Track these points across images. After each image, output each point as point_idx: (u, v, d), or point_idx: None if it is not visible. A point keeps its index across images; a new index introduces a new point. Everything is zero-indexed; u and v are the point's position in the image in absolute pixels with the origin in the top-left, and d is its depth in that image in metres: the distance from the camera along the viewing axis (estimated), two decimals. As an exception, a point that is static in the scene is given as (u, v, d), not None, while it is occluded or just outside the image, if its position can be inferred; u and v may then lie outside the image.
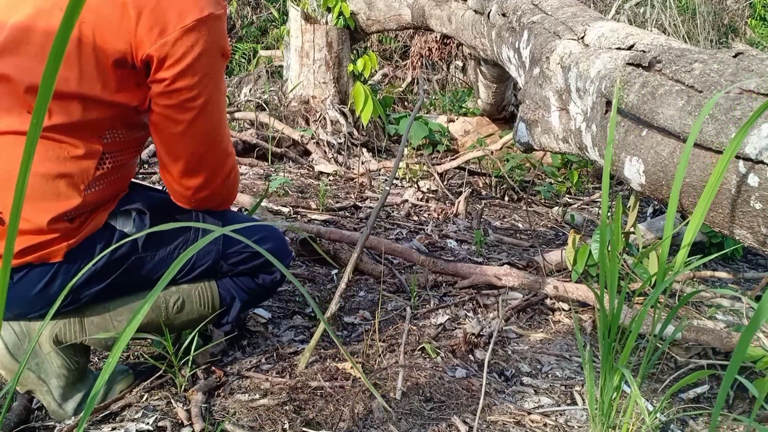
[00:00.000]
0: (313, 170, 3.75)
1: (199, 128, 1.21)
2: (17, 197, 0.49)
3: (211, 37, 1.14)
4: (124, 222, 1.27)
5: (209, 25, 1.14)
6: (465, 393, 1.51)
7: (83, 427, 0.69)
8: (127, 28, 1.10)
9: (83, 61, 1.11)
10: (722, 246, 2.56)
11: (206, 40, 1.13)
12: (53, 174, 1.12)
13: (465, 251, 2.57)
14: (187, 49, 1.12)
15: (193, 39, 1.12)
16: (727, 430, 1.46)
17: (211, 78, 1.18)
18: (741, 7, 7.37)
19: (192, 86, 1.15)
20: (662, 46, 1.46)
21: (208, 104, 1.19)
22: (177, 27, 1.10)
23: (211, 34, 1.14)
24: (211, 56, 1.16)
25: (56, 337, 1.28)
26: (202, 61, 1.14)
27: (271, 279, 1.51)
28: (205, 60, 1.15)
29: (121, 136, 1.22)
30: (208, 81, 1.17)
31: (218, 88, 1.21)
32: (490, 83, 4.04)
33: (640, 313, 1.17)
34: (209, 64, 1.16)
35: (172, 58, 1.12)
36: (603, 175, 1.22)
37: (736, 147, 1.03)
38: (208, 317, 1.44)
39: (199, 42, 1.13)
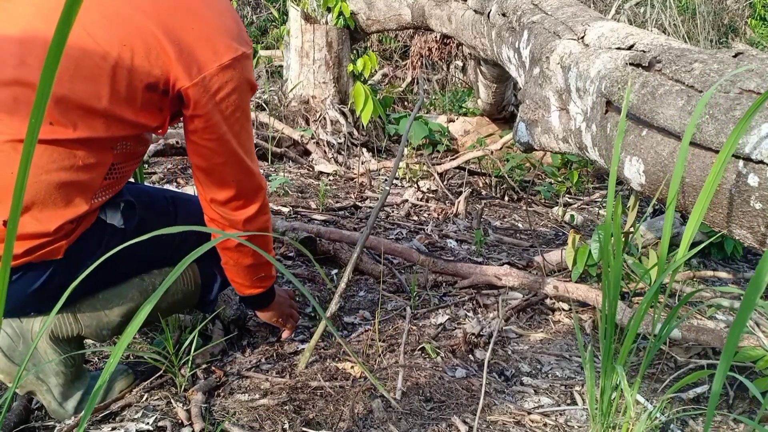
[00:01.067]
0: (313, 170, 3.75)
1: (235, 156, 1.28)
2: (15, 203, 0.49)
3: (244, 74, 1.23)
4: (112, 215, 1.29)
5: (242, 63, 1.23)
6: (465, 393, 1.51)
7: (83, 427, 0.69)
8: (165, 59, 1.16)
9: (117, 81, 1.14)
10: (722, 246, 2.56)
11: (239, 77, 1.22)
12: (66, 182, 1.14)
13: (465, 251, 2.57)
14: (222, 85, 1.20)
15: (229, 76, 1.20)
16: (728, 430, 1.46)
17: (243, 112, 1.27)
18: (741, 7, 7.37)
19: (226, 118, 1.24)
20: (662, 46, 1.46)
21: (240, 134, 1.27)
22: (214, 64, 1.18)
23: (243, 71, 1.23)
24: (242, 91, 1.24)
25: (52, 333, 1.28)
26: (234, 96, 1.23)
27: None
28: (237, 95, 1.23)
29: (130, 147, 1.25)
30: (240, 114, 1.26)
31: (248, 119, 1.31)
32: (490, 83, 4.04)
33: (639, 311, 1.17)
34: (241, 99, 1.24)
35: (208, 93, 1.19)
36: (610, 174, 1.22)
37: (733, 144, 1.03)
38: (191, 295, 1.48)
39: (233, 78, 1.21)
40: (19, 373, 0.72)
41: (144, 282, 1.39)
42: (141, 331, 1.67)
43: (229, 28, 1.23)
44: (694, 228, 1.13)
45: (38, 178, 1.12)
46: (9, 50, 1.11)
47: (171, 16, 1.17)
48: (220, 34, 1.21)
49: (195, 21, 1.19)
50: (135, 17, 1.15)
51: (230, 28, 1.23)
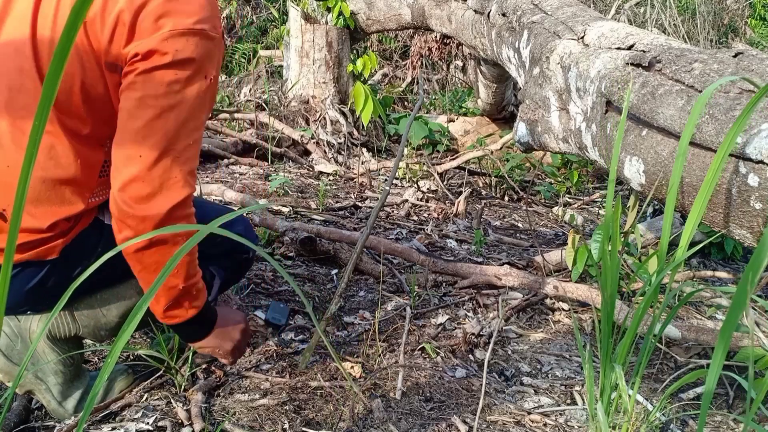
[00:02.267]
0: (313, 170, 3.75)
1: (157, 129, 1.10)
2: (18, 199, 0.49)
3: (199, 51, 1.11)
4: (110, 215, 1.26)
5: (195, 40, 1.10)
6: (465, 393, 1.51)
7: (83, 427, 0.69)
8: (121, 33, 1.09)
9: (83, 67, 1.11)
10: (722, 246, 2.56)
11: (193, 51, 1.10)
12: (59, 179, 1.13)
13: (465, 251, 2.57)
14: (170, 50, 1.08)
15: (181, 44, 1.09)
16: (728, 430, 1.46)
17: (183, 89, 1.11)
18: (741, 7, 7.37)
19: (156, 85, 1.09)
20: (662, 45, 1.46)
21: (173, 110, 1.10)
22: (161, 30, 1.08)
23: (197, 50, 1.10)
24: (191, 68, 1.11)
25: (49, 333, 1.28)
26: (179, 67, 1.09)
27: (244, 258, 1.55)
28: (183, 69, 1.10)
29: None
30: (178, 88, 1.10)
31: (186, 103, 1.12)
32: (490, 83, 4.04)
33: (638, 310, 1.17)
34: (185, 75, 1.10)
35: (143, 54, 1.08)
36: (610, 173, 1.22)
37: (731, 142, 1.03)
38: None
39: (185, 49, 1.09)
40: (19, 373, 0.72)
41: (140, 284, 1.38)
42: (141, 331, 1.67)
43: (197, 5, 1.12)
44: (692, 227, 1.13)
45: (35, 174, 1.11)
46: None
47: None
48: (180, 8, 1.10)
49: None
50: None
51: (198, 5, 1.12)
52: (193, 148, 1.15)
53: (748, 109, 0.97)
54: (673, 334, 1.69)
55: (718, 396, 1.61)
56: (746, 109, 0.96)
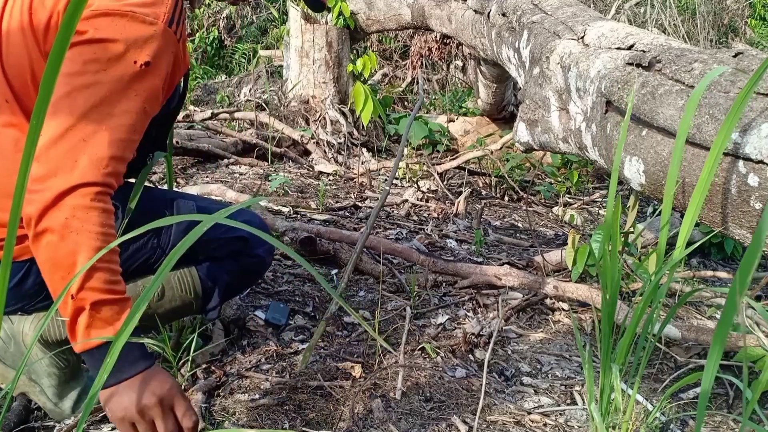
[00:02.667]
0: (313, 170, 3.75)
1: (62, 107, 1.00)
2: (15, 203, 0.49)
3: (125, 33, 1.02)
4: None
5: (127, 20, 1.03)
6: (465, 393, 1.51)
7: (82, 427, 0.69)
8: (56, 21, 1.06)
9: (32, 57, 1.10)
10: (722, 246, 2.56)
11: (116, 31, 1.02)
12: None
13: (465, 251, 2.57)
14: (90, 28, 1.02)
15: (104, 24, 1.02)
16: (728, 430, 1.46)
17: (101, 69, 1.01)
18: (741, 7, 7.37)
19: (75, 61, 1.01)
20: (662, 45, 1.46)
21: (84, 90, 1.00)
22: (92, 8, 1.03)
23: (125, 31, 1.03)
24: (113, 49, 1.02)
25: (41, 337, 1.27)
26: (97, 46, 1.01)
27: (254, 261, 1.47)
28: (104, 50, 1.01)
29: None
30: (95, 68, 1.01)
31: (102, 85, 1.02)
32: (490, 83, 4.04)
33: (636, 310, 1.17)
34: (105, 56, 1.01)
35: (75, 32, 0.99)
36: (612, 173, 1.22)
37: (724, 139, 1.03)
38: (191, 303, 1.42)
39: (107, 28, 1.02)
40: (16, 377, 0.72)
41: (137, 287, 1.35)
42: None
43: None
44: (689, 226, 1.13)
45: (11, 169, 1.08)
46: None
47: None
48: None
49: None
50: None
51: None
52: (110, 135, 1.00)
53: (742, 95, 0.97)
54: (672, 334, 1.69)
55: (718, 396, 1.61)
56: (741, 96, 0.96)
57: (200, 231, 0.71)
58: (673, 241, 1.22)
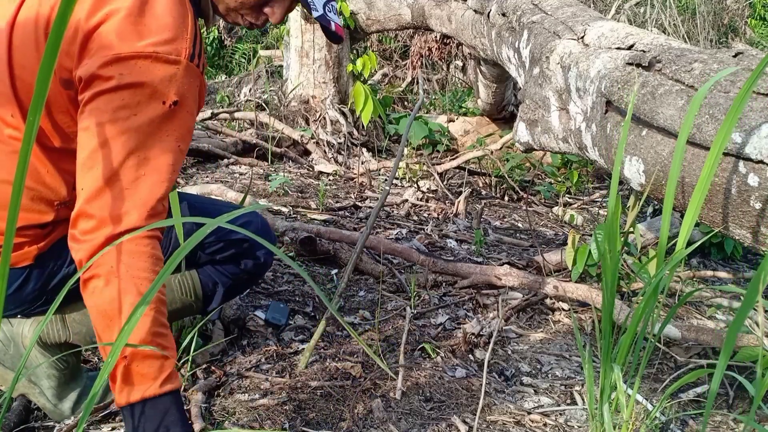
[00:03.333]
0: (313, 170, 3.74)
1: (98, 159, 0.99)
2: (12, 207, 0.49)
3: (150, 75, 1.01)
4: None
5: (147, 63, 1.01)
6: (465, 393, 1.51)
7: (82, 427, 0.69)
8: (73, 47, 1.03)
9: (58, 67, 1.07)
10: (722, 246, 2.56)
11: (142, 74, 1.01)
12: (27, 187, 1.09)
13: (465, 251, 2.57)
14: (115, 74, 0.99)
15: (127, 68, 1.00)
16: (728, 430, 1.46)
17: (132, 115, 1.00)
18: (741, 7, 7.37)
19: (104, 110, 1.00)
20: (662, 45, 1.46)
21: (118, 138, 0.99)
22: (109, 52, 1.00)
23: (150, 72, 1.01)
24: (142, 92, 1.01)
25: (40, 339, 1.27)
26: (126, 91, 1.00)
27: (254, 263, 1.46)
28: (133, 94, 1.00)
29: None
30: (126, 114, 1.00)
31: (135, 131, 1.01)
32: (490, 83, 4.04)
33: (638, 309, 1.17)
34: (135, 100, 1.00)
35: (97, 79, 1.00)
36: (613, 173, 1.22)
37: (724, 139, 1.03)
38: (192, 305, 1.42)
39: (132, 72, 1.00)
40: (15, 379, 0.72)
41: None
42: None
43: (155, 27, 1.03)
44: (689, 225, 1.13)
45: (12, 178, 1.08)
46: None
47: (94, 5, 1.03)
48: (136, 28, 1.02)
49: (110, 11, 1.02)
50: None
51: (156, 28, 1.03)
52: (150, 179, 1.00)
53: (741, 95, 0.97)
54: (673, 334, 1.69)
55: (718, 396, 1.61)
56: (739, 96, 0.96)
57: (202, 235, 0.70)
58: (674, 240, 1.23)
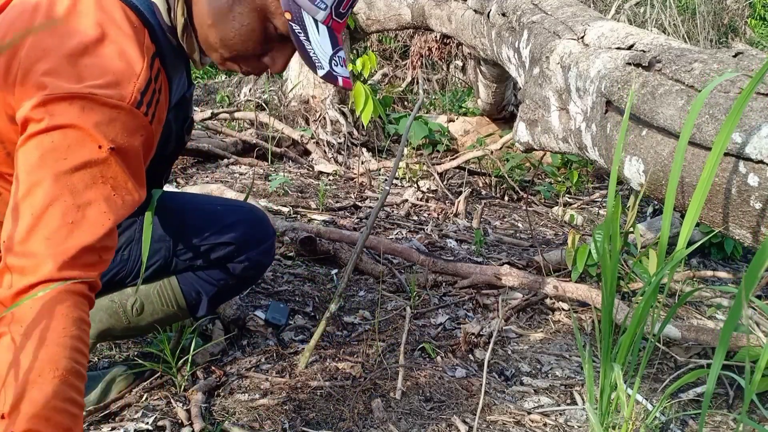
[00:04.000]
0: (312, 170, 3.74)
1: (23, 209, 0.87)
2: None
3: (84, 118, 0.89)
4: None
5: (85, 103, 0.90)
6: (465, 393, 1.51)
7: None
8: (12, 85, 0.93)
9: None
10: (722, 246, 2.56)
11: (75, 117, 0.89)
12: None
13: (465, 251, 2.57)
14: (45, 116, 0.88)
15: (60, 109, 0.89)
16: (728, 430, 1.46)
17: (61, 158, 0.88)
18: (741, 7, 7.37)
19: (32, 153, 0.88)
20: (662, 45, 1.46)
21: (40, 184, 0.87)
22: (45, 91, 0.89)
23: (84, 115, 0.89)
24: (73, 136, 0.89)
25: None
26: (55, 133, 0.88)
27: (244, 267, 1.38)
28: (63, 137, 0.88)
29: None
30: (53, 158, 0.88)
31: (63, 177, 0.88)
32: (490, 83, 4.04)
33: (638, 308, 1.17)
34: (64, 143, 0.88)
35: (30, 122, 0.90)
36: (611, 173, 1.22)
37: (725, 139, 1.03)
38: (176, 314, 1.39)
39: (64, 114, 0.89)
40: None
41: (114, 303, 1.33)
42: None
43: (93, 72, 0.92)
44: (690, 225, 1.13)
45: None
46: None
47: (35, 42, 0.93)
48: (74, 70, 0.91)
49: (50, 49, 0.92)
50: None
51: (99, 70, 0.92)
52: (76, 229, 0.87)
53: (743, 97, 0.96)
54: (672, 333, 1.69)
55: (718, 396, 1.61)
56: (741, 97, 0.96)
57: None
58: (674, 241, 1.23)
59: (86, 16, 0.95)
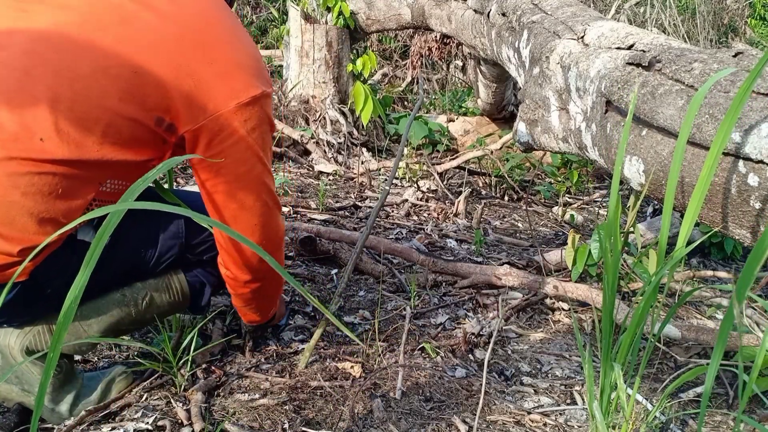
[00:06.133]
0: (312, 170, 3.74)
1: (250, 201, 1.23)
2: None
3: (263, 113, 1.19)
4: (84, 231, 1.22)
5: (261, 102, 1.18)
6: (465, 393, 1.51)
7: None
8: (168, 95, 1.11)
9: (121, 107, 1.09)
10: (722, 246, 2.56)
11: (259, 116, 1.18)
12: (40, 210, 1.08)
13: (465, 251, 2.57)
14: (240, 124, 1.16)
15: (247, 114, 1.16)
16: (728, 430, 1.46)
17: (264, 151, 1.22)
18: (741, 6, 7.37)
19: (246, 159, 1.19)
20: (662, 45, 1.46)
21: (263, 175, 1.23)
22: (232, 102, 1.14)
23: (263, 110, 1.19)
24: (263, 131, 1.20)
25: (27, 349, 1.25)
26: (254, 136, 1.18)
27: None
28: (257, 134, 1.19)
29: (121, 186, 1.18)
30: (261, 154, 1.21)
31: (268, 160, 1.25)
32: (490, 83, 4.04)
33: (638, 308, 1.17)
34: (261, 138, 1.20)
35: (223, 132, 1.15)
36: (614, 173, 1.22)
37: (724, 138, 1.03)
38: (179, 305, 1.44)
39: (252, 117, 1.17)
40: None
41: (125, 297, 1.35)
42: (140, 332, 1.67)
43: (249, 65, 1.19)
44: (690, 225, 1.13)
45: (12, 198, 1.05)
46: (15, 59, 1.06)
47: (188, 52, 1.13)
48: (240, 72, 1.17)
49: (213, 58, 1.14)
50: (146, 46, 1.11)
51: (250, 65, 1.19)
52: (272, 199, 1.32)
53: (740, 95, 0.97)
54: (672, 333, 1.69)
55: (718, 396, 1.61)
56: (738, 95, 0.96)
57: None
58: (673, 240, 1.23)
59: None
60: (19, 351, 1.26)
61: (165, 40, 1.12)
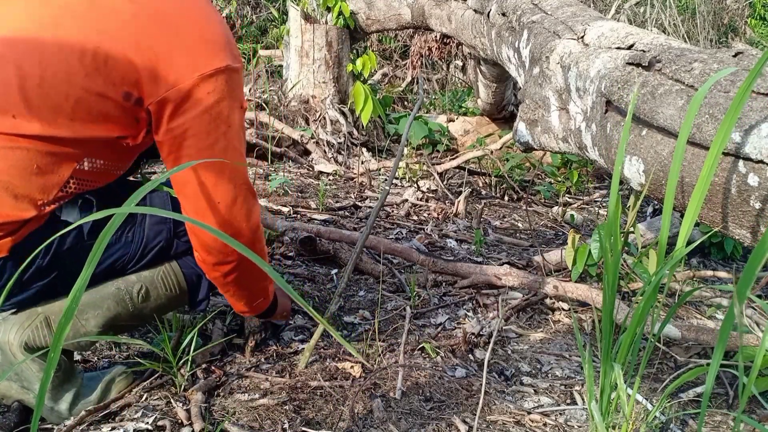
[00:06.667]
0: (312, 170, 3.74)
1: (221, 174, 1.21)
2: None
3: (228, 87, 1.18)
4: (68, 211, 1.23)
5: (226, 75, 1.18)
6: (465, 392, 1.51)
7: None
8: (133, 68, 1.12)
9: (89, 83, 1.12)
10: (722, 246, 2.56)
11: (223, 89, 1.17)
12: (15, 185, 1.11)
13: (465, 251, 2.57)
14: (203, 96, 1.15)
15: (210, 87, 1.16)
16: (727, 430, 1.46)
17: (229, 126, 1.20)
18: (741, 6, 7.36)
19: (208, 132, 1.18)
20: (662, 45, 1.46)
21: (227, 150, 1.21)
22: (194, 74, 1.14)
23: (228, 84, 1.18)
24: (228, 106, 1.19)
25: (26, 345, 1.25)
26: (217, 109, 1.17)
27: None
28: (221, 108, 1.18)
29: (102, 165, 1.21)
30: (225, 129, 1.19)
31: (236, 136, 1.22)
32: (490, 83, 4.04)
33: (638, 307, 1.17)
34: (225, 112, 1.19)
35: (186, 103, 1.15)
36: (614, 172, 1.22)
37: (724, 138, 1.03)
38: (177, 299, 1.43)
39: (216, 90, 1.16)
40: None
41: (121, 291, 1.35)
42: (140, 331, 1.67)
43: (215, 40, 1.18)
44: (689, 224, 1.13)
45: None
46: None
47: (150, 27, 1.14)
48: (204, 45, 1.17)
49: (177, 32, 1.15)
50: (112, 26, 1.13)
51: (216, 40, 1.18)
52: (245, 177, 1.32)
53: (740, 94, 0.97)
54: (672, 333, 1.69)
55: (718, 396, 1.61)
56: (738, 95, 0.96)
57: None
58: (673, 240, 1.22)
59: None
60: (19, 347, 1.26)
61: (129, 18, 1.14)
